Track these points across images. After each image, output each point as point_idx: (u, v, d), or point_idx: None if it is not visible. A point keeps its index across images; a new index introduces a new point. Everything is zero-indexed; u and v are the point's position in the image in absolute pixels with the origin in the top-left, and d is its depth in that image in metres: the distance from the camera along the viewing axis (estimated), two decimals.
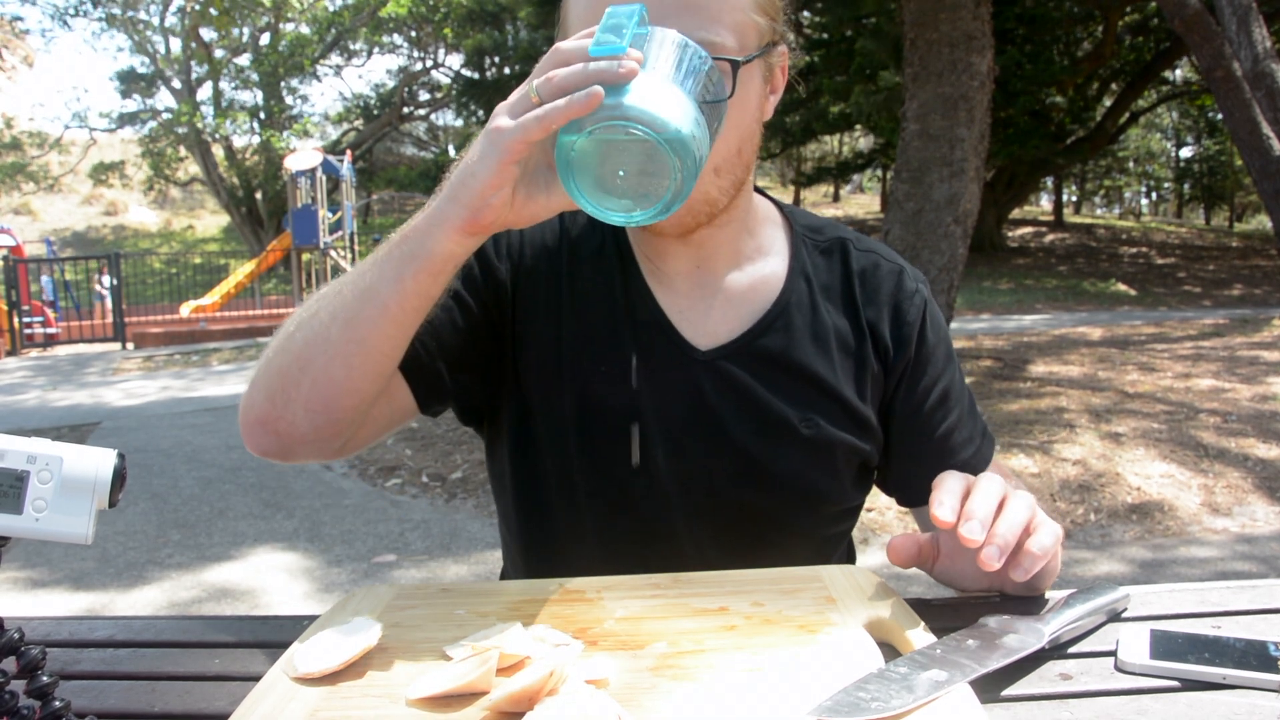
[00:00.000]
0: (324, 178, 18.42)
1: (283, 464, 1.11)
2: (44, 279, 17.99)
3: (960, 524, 0.73)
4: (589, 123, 0.68)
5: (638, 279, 1.02)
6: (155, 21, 24.93)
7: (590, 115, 0.68)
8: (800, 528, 1.03)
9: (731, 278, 1.03)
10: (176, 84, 25.28)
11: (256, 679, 0.68)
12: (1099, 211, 44.50)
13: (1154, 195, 47.22)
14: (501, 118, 0.72)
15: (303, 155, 18.93)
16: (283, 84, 26.06)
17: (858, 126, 22.43)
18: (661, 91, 0.70)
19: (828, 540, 1.08)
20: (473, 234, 0.77)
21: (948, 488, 0.77)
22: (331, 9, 24.13)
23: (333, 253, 18.61)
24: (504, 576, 1.22)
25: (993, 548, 0.73)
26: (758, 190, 1.08)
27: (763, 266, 1.04)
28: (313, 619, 0.82)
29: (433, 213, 0.77)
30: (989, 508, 0.75)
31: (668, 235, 0.98)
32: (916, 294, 1.06)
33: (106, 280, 19.50)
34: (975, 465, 1.05)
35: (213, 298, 18.58)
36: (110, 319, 16.88)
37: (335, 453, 0.93)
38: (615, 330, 1.00)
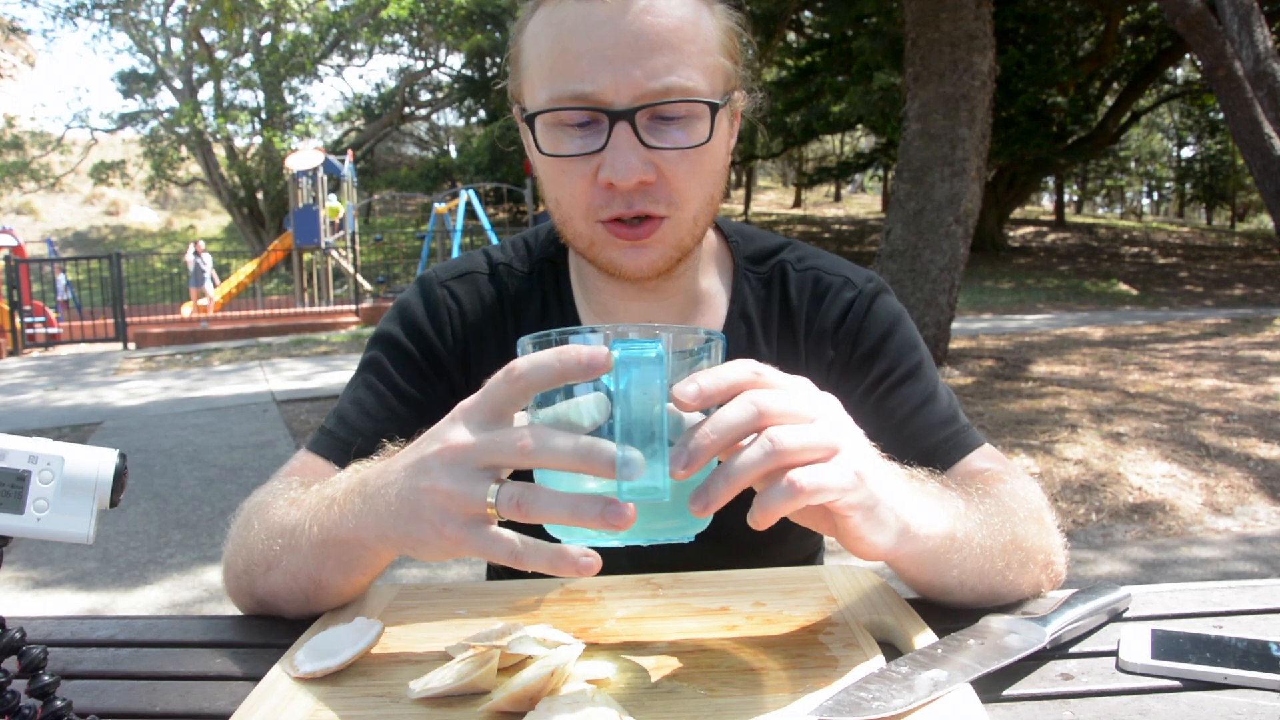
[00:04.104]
0: (325, 177, 18.44)
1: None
2: (58, 278, 17.95)
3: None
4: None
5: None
6: (156, 22, 24.99)
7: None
8: (799, 528, 1.03)
9: None
10: (178, 84, 25.32)
11: (258, 679, 0.68)
12: (1100, 211, 44.51)
13: (1155, 195, 47.24)
14: (457, 514, 0.62)
15: (304, 155, 18.96)
16: (284, 84, 26.08)
17: (859, 126, 22.44)
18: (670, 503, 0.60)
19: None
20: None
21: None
22: (332, 9, 24.15)
23: (334, 253, 18.63)
24: (491, 576, 1.21)
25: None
26: None
27: (706, 317, 1.05)
28: (314, 619, 0.82)
29: (379, 530, 0.69)
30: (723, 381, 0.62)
31: (639, 280, 0.95)
32: (858, 296, 1.04)
33: (208, 259, 18.99)
34: (947, 452, 0.98)
35: (214, 297, 18.60)
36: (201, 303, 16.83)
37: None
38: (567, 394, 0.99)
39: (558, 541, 0.63)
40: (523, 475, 0.64)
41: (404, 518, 0.65)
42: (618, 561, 0.93)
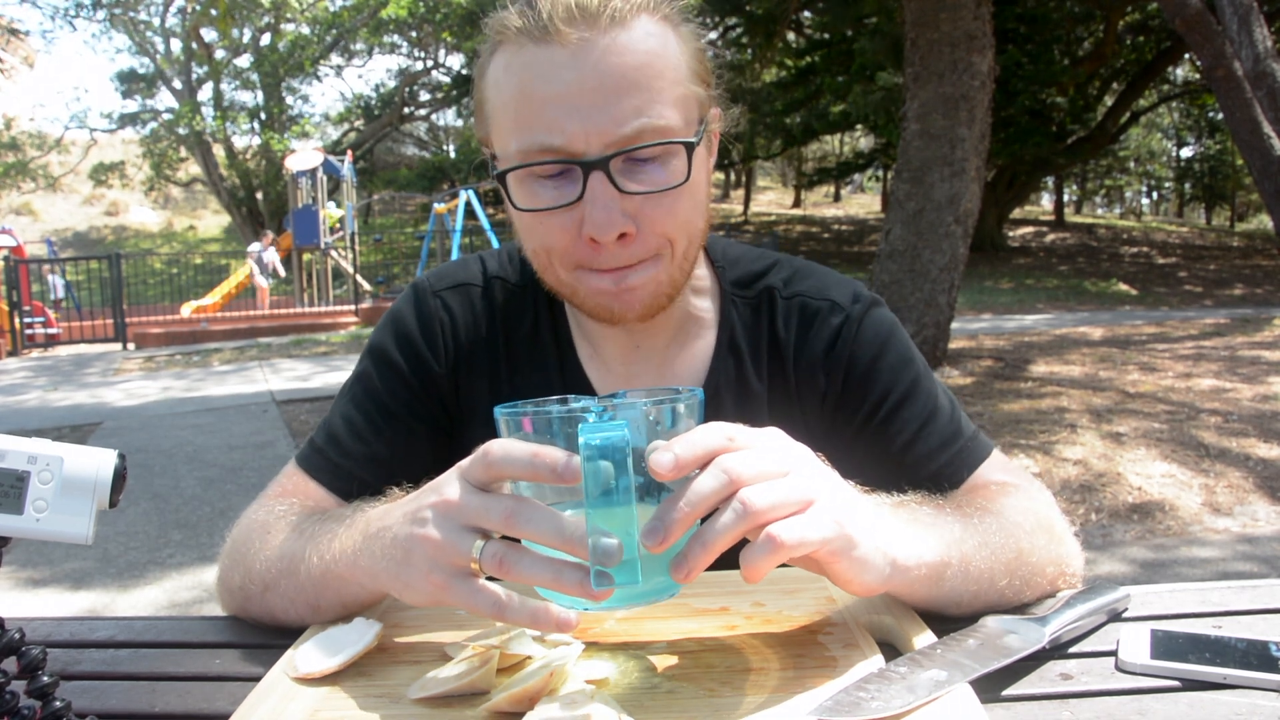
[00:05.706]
0: (325, 178, 18.43)
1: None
2: (54, 278, 17.93)
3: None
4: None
5: (574, 363, 1.03)
6: (156, 22, 25.00)
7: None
8: None
9: (666, 357, 1.03)
10: (177, 84, 25.32)
11: (257, 679, 0.68)
12: (1100, 211, 44.52)
13: (1155, 195, 47.24)
14: (445, 564, 0.65)
15: (303, 155, 18.95)
16: (283, 84, 26.08)
17: (859, 126, 22.44)
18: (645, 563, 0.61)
19: None
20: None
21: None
22: (332, 10, 24.15)
23: (333, 253, 18.62)
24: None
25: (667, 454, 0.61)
26: None
27: (696, 344, 1.04)
28: None
29: (372, 569, 0.72)
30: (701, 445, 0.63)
31: (627, 322, 0.93)
32: (845, 321, 1.01)
33: (273, 253, 18.38)
34: (953, 474, 0.97)
35: (213, 298, 18.59)
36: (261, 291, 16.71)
37: None
38: None
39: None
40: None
41: (397, 560, 0.69)
42: None
